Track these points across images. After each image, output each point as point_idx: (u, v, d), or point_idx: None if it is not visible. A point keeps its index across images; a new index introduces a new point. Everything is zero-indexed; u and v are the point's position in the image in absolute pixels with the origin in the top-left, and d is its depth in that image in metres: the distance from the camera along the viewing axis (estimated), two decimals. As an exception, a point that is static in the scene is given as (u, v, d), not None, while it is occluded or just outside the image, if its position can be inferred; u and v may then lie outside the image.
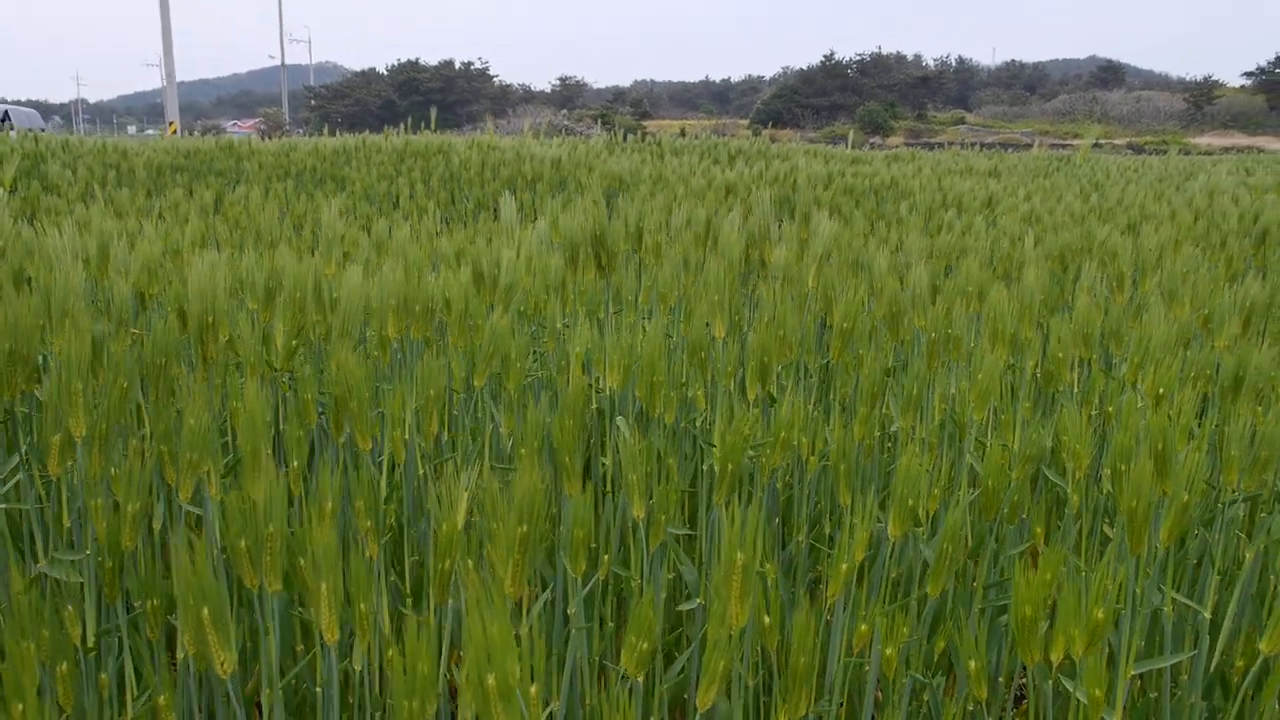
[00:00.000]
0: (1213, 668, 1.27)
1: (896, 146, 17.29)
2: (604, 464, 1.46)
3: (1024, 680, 1.59)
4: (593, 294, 1.73)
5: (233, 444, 1.33)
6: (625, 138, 8.85)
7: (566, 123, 31.47)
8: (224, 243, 3.14)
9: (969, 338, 1.54)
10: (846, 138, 9.70)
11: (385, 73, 52.83)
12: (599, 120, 33.08)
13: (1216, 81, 42.98)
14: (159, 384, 1.18)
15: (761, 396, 1.39)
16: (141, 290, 1.67)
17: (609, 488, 1.41)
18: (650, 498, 1.15)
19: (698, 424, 1.55)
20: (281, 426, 1.42)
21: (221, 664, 0.80)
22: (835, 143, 14.38)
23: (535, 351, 1.67)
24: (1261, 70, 41.98)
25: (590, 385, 1.53)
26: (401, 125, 7.25)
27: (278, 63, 44.26)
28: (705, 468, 1.50)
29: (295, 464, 1.22)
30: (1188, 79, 46.30)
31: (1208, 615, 1.17)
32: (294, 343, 1.42)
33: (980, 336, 1.44)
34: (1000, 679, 1.23)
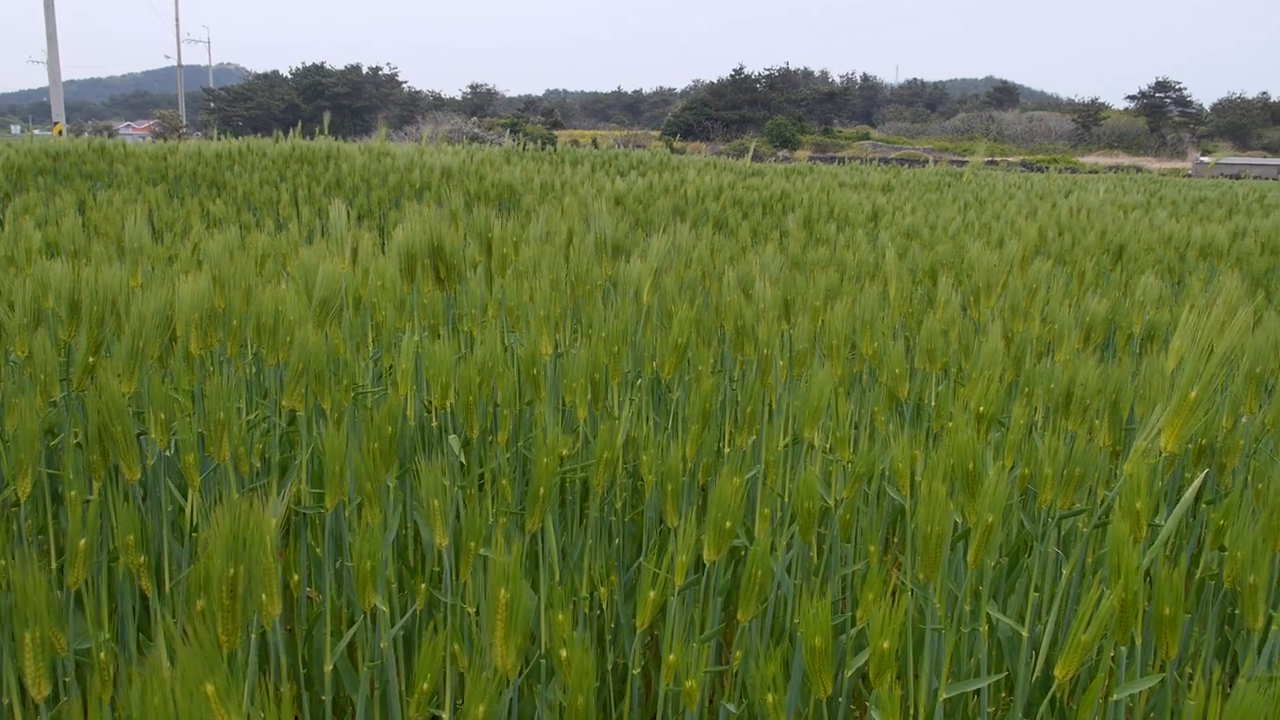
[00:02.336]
0: (1036, 684, 1.27)
1: (804, 160, 17.63)
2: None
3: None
4: (434, 308, 1.66)
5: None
6: (542, 147, 8.76)
7: (477, 130, 31.17)
8: (79, 251, 2.95)
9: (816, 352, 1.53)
10: (745, 152, 9.81)
11: (289, 76, 51.48)
12: (509, 129, 32.88)
13: (1102, 104, 45.18)
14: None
15: (594, 414, 1.34)
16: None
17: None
18: (458, 523, 1.09)
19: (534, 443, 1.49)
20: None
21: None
22: (742, 155, 14.57)
23: (364, 368, 1.59)
24: (1143, 94, 44.33)
25: (422, 403, 1.46)
26: (291, 130, 7.01)
27: (174, 63, 42.62)
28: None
29: (74, 493, 1.12)
30: (1077, 100, 48.54)
31: (1024, 634, 1.16)
32: (90, 360, 1.31)
33: (819, 352, 1.42)
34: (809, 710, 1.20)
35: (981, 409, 1.21)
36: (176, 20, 42.11)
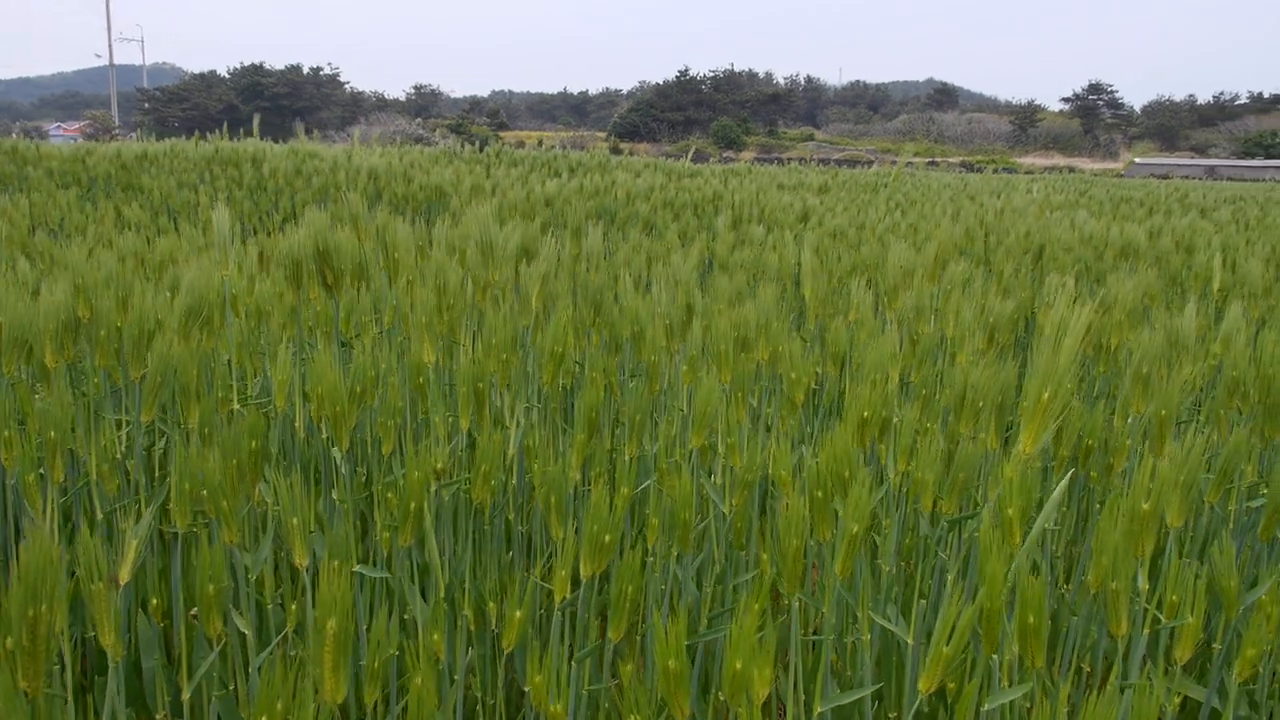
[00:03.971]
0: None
1: (748, 161, 17.71)
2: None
3: None
4: (323, 315, 1.61)
5: None
6: (480, 148, 8.65)
7: (421, 132, 30.80)
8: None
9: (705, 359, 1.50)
10: (685, 153, 9.82)
11: (227, 76, 50.41)
12: (454, 130, 32.55)
13: (1039, 106, 46.22)
14: None
15: (477, 424, 1.30)
16: None
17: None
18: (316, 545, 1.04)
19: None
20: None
21: None
22: (681, 156, 14.59)
23: (246, 380, 1.53)
24: (1077, 96, 45.44)
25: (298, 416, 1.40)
26: (217, 131, 6.83)
27: (107, 61, 41.47)
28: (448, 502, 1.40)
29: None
30: (1014, 102, 49.58)
31: (910, 640, 1.15)
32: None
33: (708, 360, 1.39)
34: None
35: (866, 413, 1.19)
36: (108, 18, 40.99)
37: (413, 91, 58.39)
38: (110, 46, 40.59)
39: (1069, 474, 0.96)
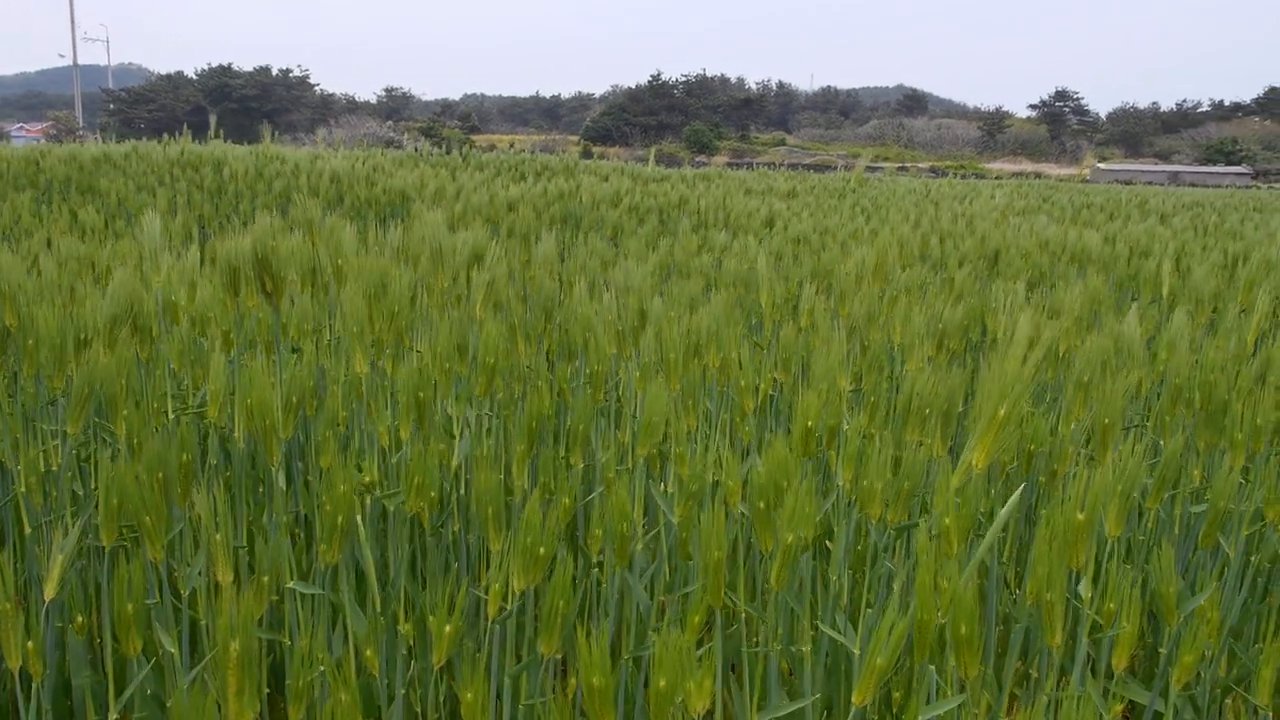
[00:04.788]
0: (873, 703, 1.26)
1: (720, 165, 17.77)
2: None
3: None
4: (264, 323, 1.58)
5: None
6: (448, 151, 8.59)
7: (392, 134, 30.60)
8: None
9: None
10: (647, 158, 9.83)
11: (195, 77, 49.82)
12: (425, 133, 32.36)
13: (1006, 112, 46.78)
14: None
15: (418, 434, 1.28)
16: None
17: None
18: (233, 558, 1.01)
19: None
20: None
21: None
22: (656, 160, 14.60)
23: (183, 390, 1.50)
24: (1044, 103, 46.05)
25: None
26: (177, 132, 6.74)
27: (70, 61, 40.82)
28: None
29: None
30: (983, 109, 50.13)
31: (855, 650, 1.14)
32: None
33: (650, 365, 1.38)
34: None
35: (810, 422, 1.18)
36: (71, 17, 40.37)
37: (384, 94, 58.05)
38: (74, 46, 40.01)
39: (1020, 488, 0.96)
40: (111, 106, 46.21)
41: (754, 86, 55.45)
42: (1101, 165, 33.93)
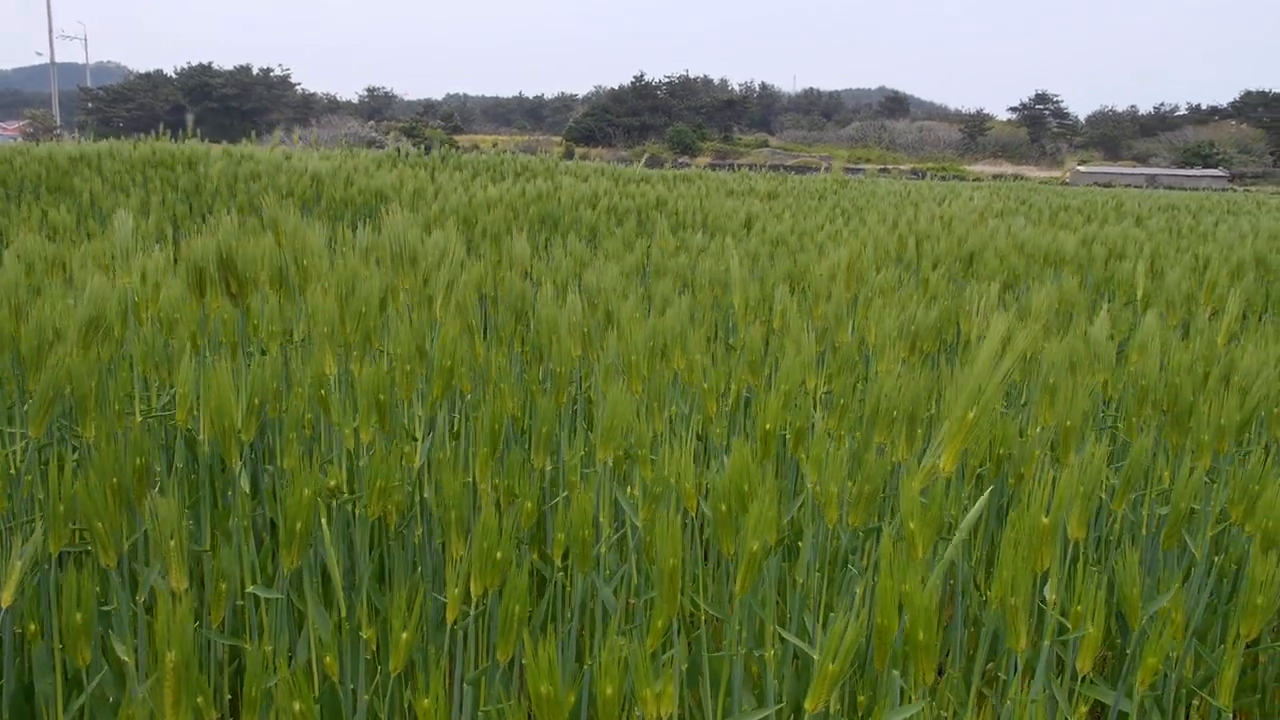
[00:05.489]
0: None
1: (703, 166, 17.77)
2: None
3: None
4: (229, 325, 1.56)
5: None
6: (427, 151, 8.55)
7: (374, 134, 30.44)
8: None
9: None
10: (639, 159, 9.82)
11: (174, 76, 49.41)
12: (407, 133, 32.22)
13: (987, 114, 47.05)
14: None
15: (379, 436, 1.26)
16: None
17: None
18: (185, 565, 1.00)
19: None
20: None
21: None
22: (633, 162, 14.61)
23: (148, 392, 1.47)
24: (1024, 106, 46.34)
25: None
26: (154, 131, 6.67)
27: (47, 59, 40.38)
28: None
29: None
30: (964, 111, 50.43)
31: (817, 656, 1.13)
32: None
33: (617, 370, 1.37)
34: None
35: (768, 425, 1.18)
36: (49, 14, 39.94)
37: (366, 94, 57.77)
38: (51, 44, 39.58)
39: (988, 491, 0.96)
40: (89, 105, 45.76)
41: (737, 88, 55.52)
42: (1081, 168, 34.22)
